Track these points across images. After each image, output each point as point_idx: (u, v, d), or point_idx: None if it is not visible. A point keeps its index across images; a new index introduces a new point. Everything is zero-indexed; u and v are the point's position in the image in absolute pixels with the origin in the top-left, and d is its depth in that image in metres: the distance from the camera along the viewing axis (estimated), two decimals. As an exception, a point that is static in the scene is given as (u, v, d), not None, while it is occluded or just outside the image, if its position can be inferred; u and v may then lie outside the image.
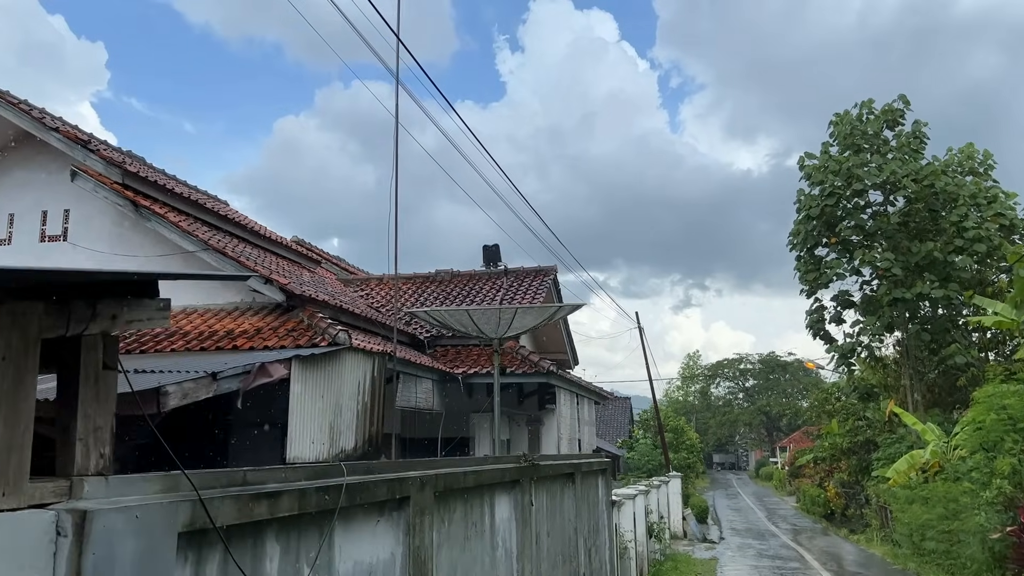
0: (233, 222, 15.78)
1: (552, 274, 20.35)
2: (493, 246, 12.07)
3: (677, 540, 24.33)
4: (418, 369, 14.09)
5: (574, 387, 18.03)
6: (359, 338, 12.50)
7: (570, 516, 9.14)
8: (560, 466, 8.60)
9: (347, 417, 11.18)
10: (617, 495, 14.37)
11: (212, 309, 12.93)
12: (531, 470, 7.27)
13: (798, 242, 29.09)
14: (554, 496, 8.52)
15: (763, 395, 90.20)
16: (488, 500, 6.27)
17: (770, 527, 32.00)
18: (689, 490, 37.86)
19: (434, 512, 4.92)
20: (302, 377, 10.09)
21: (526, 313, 11.91)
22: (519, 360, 16.05)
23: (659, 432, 33.93)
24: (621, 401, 56.13)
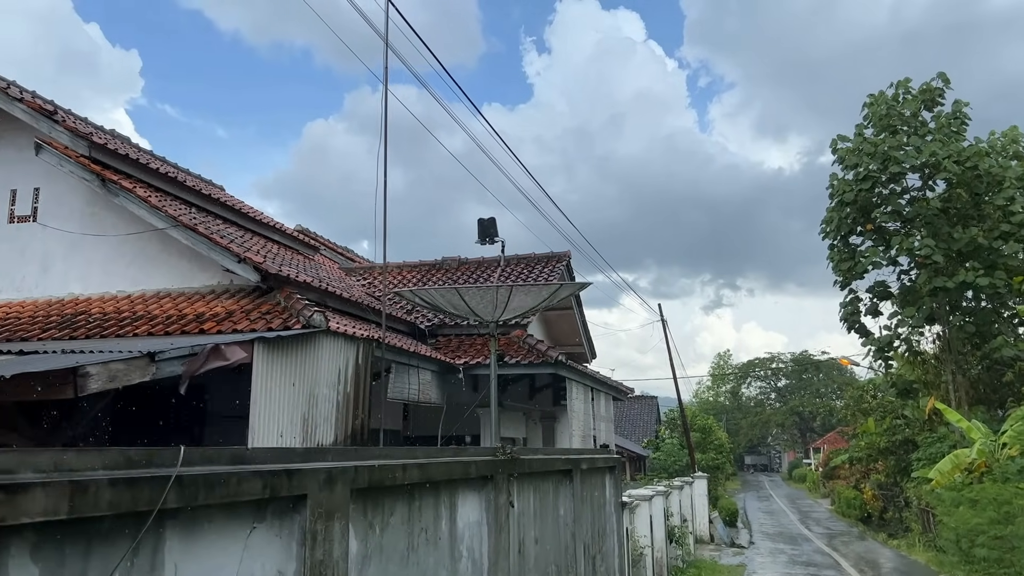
0: (220, 203, 14.76)
1: (566, 260, 19.12)
2: (488, 219, 10.90)
3: (703, 545, 22.96)
4: (413, 358, 12.95)
5: (587, 380, 16.78)
6: (345, 323, 11.39)
7: (567, 519, 7.93)
8: (551, 461, 7.40)
9: (325, 408, 10.06)
10: (631, 496, 13.12)
11: (186, 293, 11.90)
12: (510, 465, 6.08)
13: (831, 230, 27.54)
14: (545, 496, 7.32)
15: (796, 395, 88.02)
16: (447, 500, 5.09)
17: (803, 531, 30.45)
18: (718, 492, 36.40)
19: (351, 515, 3.76)
20: (267, 362, 8.98)
21: (526, 293, 10.71)
22: (525, 350, 14.85)
23: (684, 430, 32.51)
24: (648, 400, 54.70)
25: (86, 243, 12.53)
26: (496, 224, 10.93)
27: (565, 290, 10.60)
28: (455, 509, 5.22)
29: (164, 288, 12.16)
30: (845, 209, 26.53)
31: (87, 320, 10.97)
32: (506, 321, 11.32)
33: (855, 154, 26.33)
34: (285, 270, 11.37)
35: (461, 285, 10.40)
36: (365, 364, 11.11)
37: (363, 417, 10.98)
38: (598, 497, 9.56)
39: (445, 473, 4.92)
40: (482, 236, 10.91)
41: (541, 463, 7.01)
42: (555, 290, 10.30)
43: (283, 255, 14.88)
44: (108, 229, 12.34)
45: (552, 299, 10.89)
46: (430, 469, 4.67)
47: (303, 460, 3.43)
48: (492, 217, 10.97)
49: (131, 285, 12.32)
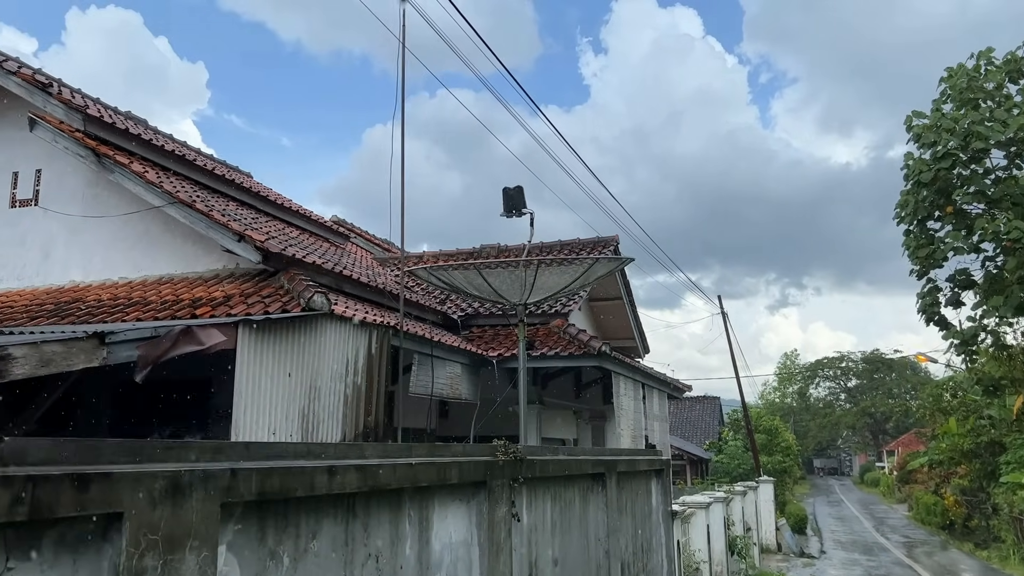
0: (238, 186, 13.79)
1: (613, 244, 17.69)
2: (515, 188, 9.57)
3: (769, 555, 21.22)
4: (439, 349, 11.71)
5: (637, 375, 15.32)
6: (362, 309, 10.22)
7: (598, 534, 6.57)
8: (575, 463, 6.04)
9: (329, 403, 8.88)
10: (685, 504, 11.65)
11: (189, 277, 10.89)
12: (514, 468, 4.77)
13: (906, 214, 25.34)
14: (569, 506, 5.98)
15: (867, 396, 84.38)
16: (415, 515, 3.82)
17: (879, 539, 28.33)
18: (785, 497, 34.40)
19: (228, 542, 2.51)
20: (255, 348, 7.83)
21: (556, 270, 9.39)
22: (566, 340, 13.49)
23: (748, 432, 30.65)
24: (710, 401, 52.66)
25: (88, 227, 11.64)
26: (523, 194, 9.60)
27: (601, 266, 9.23)
28: (428, 526, 3.94)
29: (167, 273, 11.18)
30: (922, 191, 24.36)
31: (79, 308, 10.02)
32: (538, 304, 10.00)
33: (933, 131, 24.16)
34: (292, 251, 10.25)
35: (484, 260, 9.11)
36: (380, 354, 9.91)
37: (377, 413, 9.78)
38: (641, 506, 8.16)
39: (407, 479, 3.63)
40: (508, 208, 9.60)
41: (561, 465, 5.67)
42: (589, 266, 8.94)
43: (305, 241, 13.83)
44: (111, 210, 11.42)
45: (587, 277, 9.52)
46: (379, 474, 3.39)
47: (115, 458, 2.16)
48: (519, 186, 9.65)
49: (133, 271, 11.37)
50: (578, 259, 8.95)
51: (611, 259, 9.23)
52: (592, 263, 8.80)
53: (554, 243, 17.52)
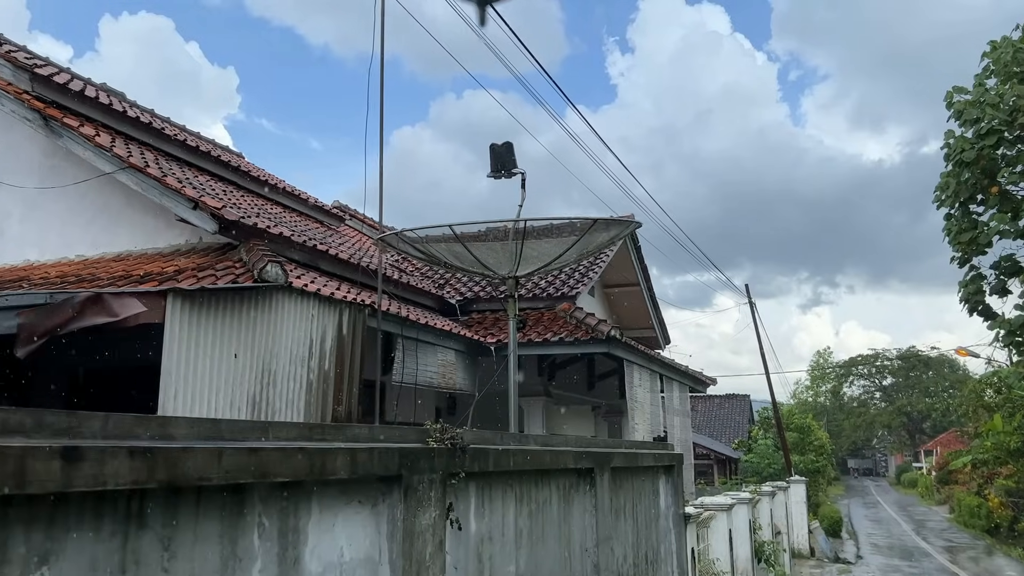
0: (216, 160, 12.73)
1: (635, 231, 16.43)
2: (503, 145, 8.38)
3: (801, 560, 19.78)
4: (428, 333, 10.55)
5: (654, 365, 14.04)
6: (329, 285, 9.09)
7: (585, 543, 5.35)
8: (554, 456, 4.82)
9: (287, 389, 7.75)
10: (704, 506, 10.37)
11: (149, 253, 9.83)
12: (449, 459, 3.58)
13: (947, 197, 23.76)
14: (543, 509, 4.76)
15: (903, 394, 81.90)
16: (276, 523, 2.65)
17: (919, 543, 26.70)
18: (819, 498, 32.83)
19: None
20: (188, 323, 6.71)
21: (553, 239, 8.19)
22: (572, 325, 12.26)
23: (778, 429, 29.15)
24: (739, 399, 51.00)
25: (46, 202, 10.63)
26: (513, 152, 8.40)
27: (601, 231, 8.00)
28: (298, 539, 2.76)
29: (127, 250, 10.13)
30: (964, 171, 22.76)
31: (20, 286, 8.98)
32: (537, 283, 8.78)
33: (976, 107, 22.56)
34: (254, 220, 9.13)
35: (462, 223, 7.92)
36: (354, 336, 8.76)
37: (351, 403, 8.63)
38: (646, 508, 6.92)
39: (248, 470, 2.46)
40: (496, 168, 8.40)
41: (528, 458, 4.45)
42: (587, 230, 7.71)
43: (289, 218, 12.75)
44: (68, 181, 10.41)
45: (586, 245, 8.30)
46: (185, 462, 2.21)
47: None
48: (508, 142, 8.44)
49: (91, 248, 10.34)
50: (576, 218, 7.72)
51: (613, 221, 8.02)
52: (591, 225, 7.56)
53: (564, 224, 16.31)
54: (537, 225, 9.86)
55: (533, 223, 8.71)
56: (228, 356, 7.09)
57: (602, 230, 7.99)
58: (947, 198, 23.93)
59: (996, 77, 23.45)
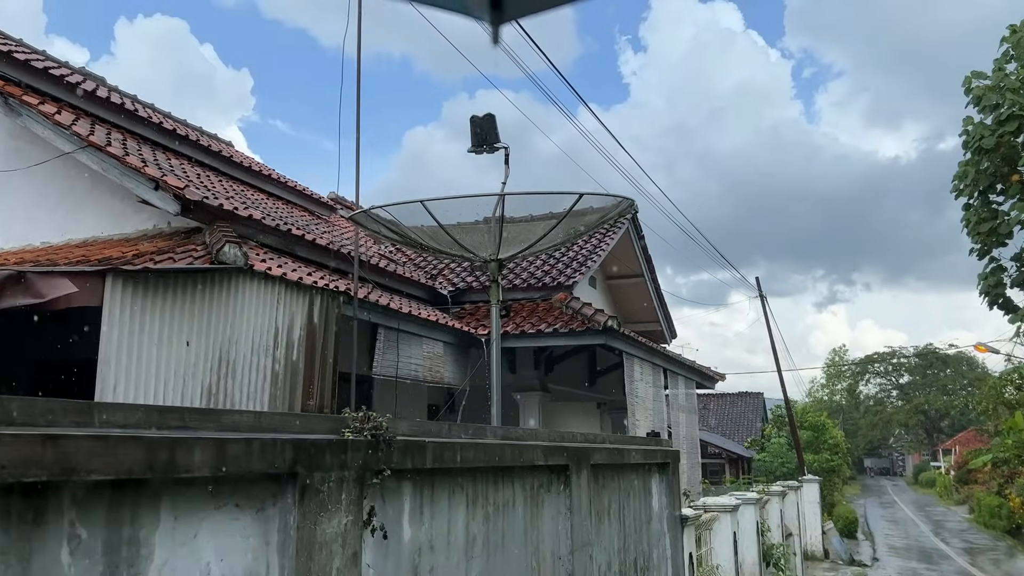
0: (196, 145, 12.17)
1: (630, 213, 15.76)
2: (485, 117, 7.73)
3: (815, 562, 19.06)
4: (411, 323, 9.94)
5: (657, 358, 13.38)
6: (298, 269, 8.50)
7: (557, 549, 4.72)
8: (516, 451, 4.19)
9: (249, 380, 7.16)
10: (707, 506, 9.71)
11: (115, 239, 9.28)
12: (369, 454, 2.96)
13: (966, 186, 22.90)
14: (503, 512, 4.14)
15: (920, 392, 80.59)
16: (101, 532, 2.04)
17: (938, 544, 25.88)
18: (834, 498, 32.04)
19: None
20: (134, 307, 6.13)
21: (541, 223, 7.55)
22: (568, 315, 11.62)
23: (790, 425, 28.39)
24: (752, 397, 50.15)
25: (11, 186, 10.10)
26: (496, 124, 7.76)
27: (591, 211, 7.35)
28: (139, 554, 2.15)
29: (93, 235, 9.58)
30: (983, 159, 21.93)
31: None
32: (512, 259, 8.16)
33: (995, 92, 21.71)
34: (220, 201, 8.54)
35: (436, 198, 7.30)
36: (326, 325, 8.17)
37: (323, 396, 8.04)
38: (635, 509, 6.28)
39: (51, 465, 1.85)
40: (477, 142, 7.75)
41: (481, 452, 3.82)
42: (572, 205, 7.06)
43: (273, 206, 12.18)
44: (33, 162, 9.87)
45: (575, 225, 7.67)
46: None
47: None
48: (490, 114, 7.80)
49: (57, 234, 9.80)
50: (562, 193, 7.08)
51: (602, 196, 7.37)
52: (576, 199, 6.92)
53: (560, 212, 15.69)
54: (526, 213, 9.25)
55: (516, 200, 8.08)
56: (179, 344, 6.51)
57: (593, 208, 7.33)
58: (965, 187, 23.09)
59: (1016, 62, 22.61)
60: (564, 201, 7.58)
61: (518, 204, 8.33)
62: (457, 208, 8.16)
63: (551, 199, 8.11)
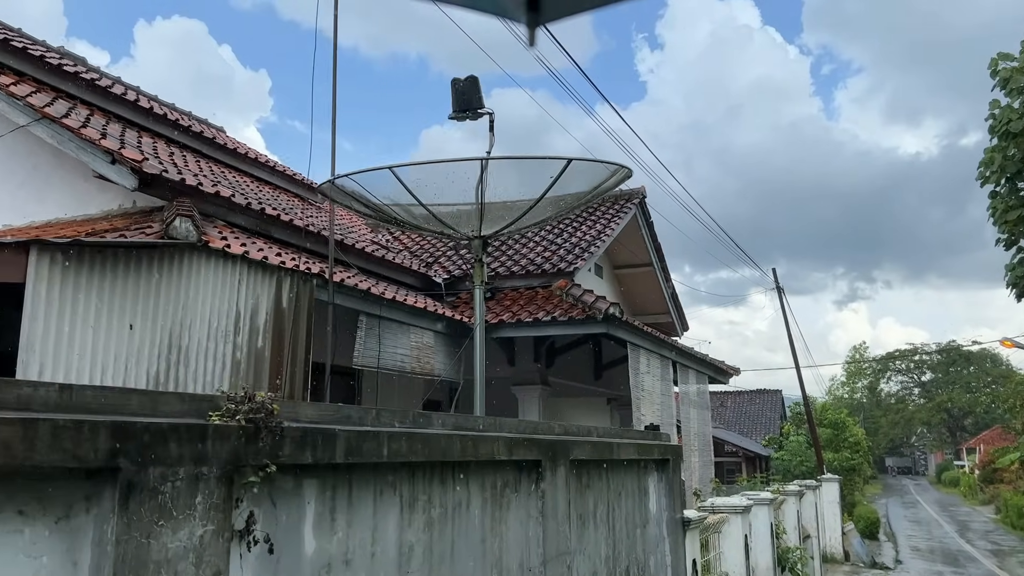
0: (177, 126, 11.56)
1: (638, 197, 15.04)
2: (467, 80, 7.04)
3: (834, 565, 18.23)
4: (395, 310, 9.27)
5: (665, 350, 12.63)
6: (267, 248, 7.84)
7: (527, 560, 4.02)
8: (468, 443, 3.48)
9: (205, 369, 6.51)
10: (715, 507, 8.97)
11: (78, 220, 8.66)
12: (241, 444, 2.27)
13: (992, 173, 21.90)
14: (453, 517, 3.45)
15: (943, 390, 79.04)
16: None
17: (963, 546, 24.91)
18: (855, 497, 31.12)
19: None
20: (64, 287, 5.49)
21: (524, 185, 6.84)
22: (568, 303, 10.90)
23: (808, 422, 27.51)
24: (771, 395, 49.16)
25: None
26: (479, 88, 7.06)
27: (581, 176, 6.64)
28: None
29: (57, 217, 8.97)
30: (1011, 144, 21.02)
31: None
32: (496, 235, 7.46)
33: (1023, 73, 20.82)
34: (182, 175, 7.90)
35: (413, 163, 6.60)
36: (297, 310, 7.50)
37: (294, 387, 7.38)
38: (628, 512, 5.57)
39: None
40: (459, 106, 7.06)
41: (416, 445, 3.12)
42: (561, 171, 6.34)
43: (262, 191, 11.55)
44: (-4, 146, 9.28)
45: (565, 196, 6.95)
46: None
47: None
48: (472, 76, 7.10)
49: (20, 216, 9.17)
50: (551, 158, 6.36)
51: (595, 161, 6.63)
52: (565, 164, 6.20)
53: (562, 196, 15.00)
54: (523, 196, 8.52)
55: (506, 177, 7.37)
56: (121, 327, 5.86)
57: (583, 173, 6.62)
58: (992, 174, 22.10)
59: (1046, 43, 21.66)
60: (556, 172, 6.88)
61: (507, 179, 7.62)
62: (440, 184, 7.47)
63: (544, 175, 7.40)
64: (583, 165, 6.60)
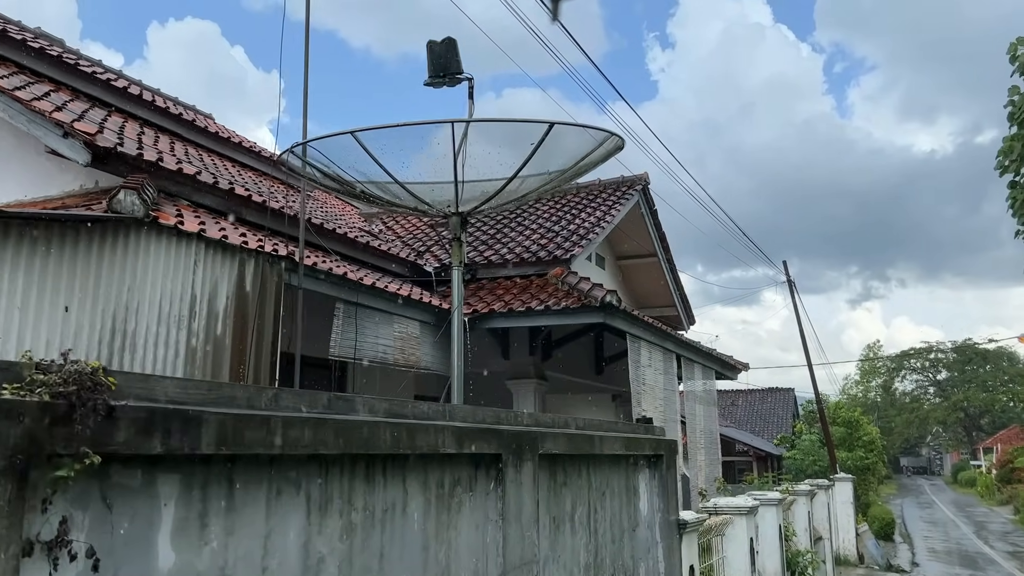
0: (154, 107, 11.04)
1: (641, 184, 14.43)
2: (444, 41, 6.45)
3: (848, 568, 17.55)
4: (375, 297, 8.70)
5: (668, 342, 12.02)
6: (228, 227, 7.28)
7: (485, 570, 3.43)
8: (399, 432, 2.90)
9: (155, 356, 5.95)
10: (718, 508, 8.35)
11: (37, 201, 8.15)
12: (44, 428, 1.69)
13: (1011, 162, 21.19)
14: (385, 522, 2.86)
15: (959, 389, 77.92)
16: None
17: (981, 547, 24.17)
18: (869, 497, 30.36)
19: None
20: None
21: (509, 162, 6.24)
22: (563, 292, 10.31)
23: (821, 420, 26.81)
24: (783, 393, 48.38)
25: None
26: (458, 50, 6.47)
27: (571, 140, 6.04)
28: None
29: (18, 199, 8.45)
30: (1031, 131, 20.35)
31: None
32: (476, 212, 6.87)
33: (1044, 58, 20.09)
34: (141, 151, 7.36)
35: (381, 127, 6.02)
36: (263, 295, 6.94)
37: (259, 377, 6.82)
38: (614, 514, 4.98)
39: None
40: (435, 71, 6.47)
41: (320, 433, 2.53)
42: (543, 137, 5.74)
43: (242, 176, 11.02)
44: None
45: (547, 166, 6.35)
46: None
47: None
48: (449, 38, 6.51)
49: (-20, 200, 8.70)
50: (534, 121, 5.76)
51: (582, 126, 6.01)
52: (547, 128, 5.59)
53: (570, 185, 14.40)
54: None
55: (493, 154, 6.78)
56: (54, 310, 5.32)
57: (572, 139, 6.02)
58: (1011, 163, 21.38)
59: (1066, 26, 20.86)
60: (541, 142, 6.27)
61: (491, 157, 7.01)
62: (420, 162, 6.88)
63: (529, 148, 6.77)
64: (571, 135, 6.00)
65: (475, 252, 12.06)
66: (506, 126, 6.87)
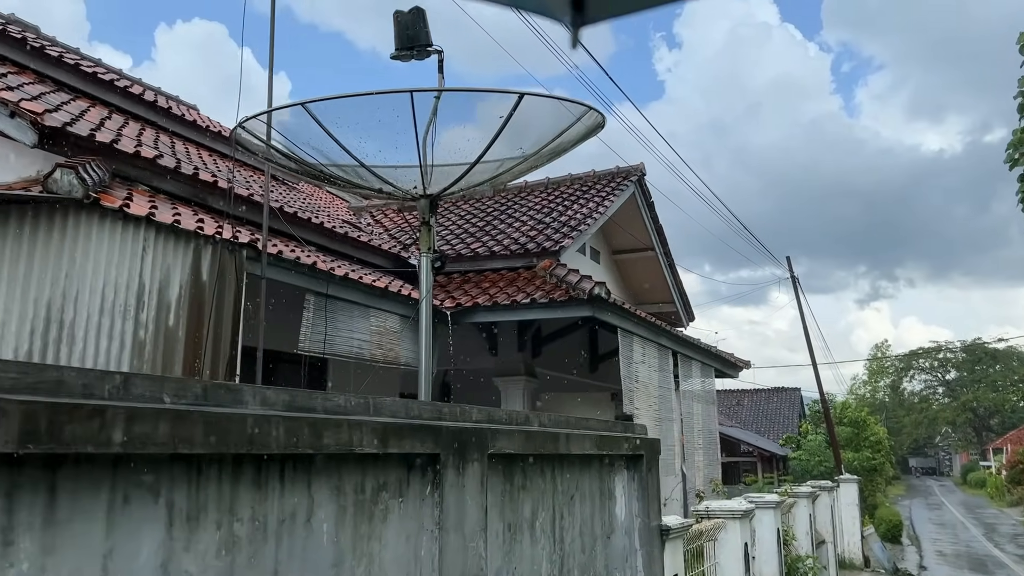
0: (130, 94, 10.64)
1: (636, 175, 13.97)
2: (411, 12, 6.01)
3: (853, 572, 17.04)
4: (355, 290, 8.27)
5: (664, 338, 11.55)
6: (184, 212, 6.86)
7: (417, 589, 2.97)
8: (299, 428, 2.46)
9: (96, 349, 5.54)
10: (710, 511, 7.89)
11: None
12: None
13: (1021, 155, 20.74)
14: (282, 534, 2.42)
15: (968, 389, 77.11)
16: None
17: (992, 551, 23.60)
18: (877, 499, 29.80)
19: None
20: None
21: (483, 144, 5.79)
22: (551, 284, 9.86)
23: (826, 419, 26.29)
24: (789, 393, 47.78)
25: None
26: (426, 19, 6.03)
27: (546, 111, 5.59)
28: None
29: (-28, 189, 8.05)
30: (1043, 122, 19.83)
31: None
32: (445, 194, 6.43)
33: (1055, 47, 19.55)
34: (94, 132, 6.94)
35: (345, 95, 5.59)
36: (222, 285, 6.51)
37: (216, 373, 6.40)
38: (585, 520, 4.51)
39: None
40: (402, 43, 6.03)
41: (184, 429, 2.10)
42: (512, 110, 5.29)
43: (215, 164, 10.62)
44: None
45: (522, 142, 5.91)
46: None
47: None
48: (417, 7, 6.08)
49: (-65, 188, 8.29)
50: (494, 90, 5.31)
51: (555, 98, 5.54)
52: (516, 99, 5.14)
53: (563, 177, 13.97)
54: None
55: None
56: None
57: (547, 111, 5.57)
58: (1021, 156, 20.89)
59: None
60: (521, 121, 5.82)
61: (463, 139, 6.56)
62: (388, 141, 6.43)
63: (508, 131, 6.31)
64: (546, 109, 5.55)
65: (462, 244, 11.63)
66: (483, 106, 6.43)
